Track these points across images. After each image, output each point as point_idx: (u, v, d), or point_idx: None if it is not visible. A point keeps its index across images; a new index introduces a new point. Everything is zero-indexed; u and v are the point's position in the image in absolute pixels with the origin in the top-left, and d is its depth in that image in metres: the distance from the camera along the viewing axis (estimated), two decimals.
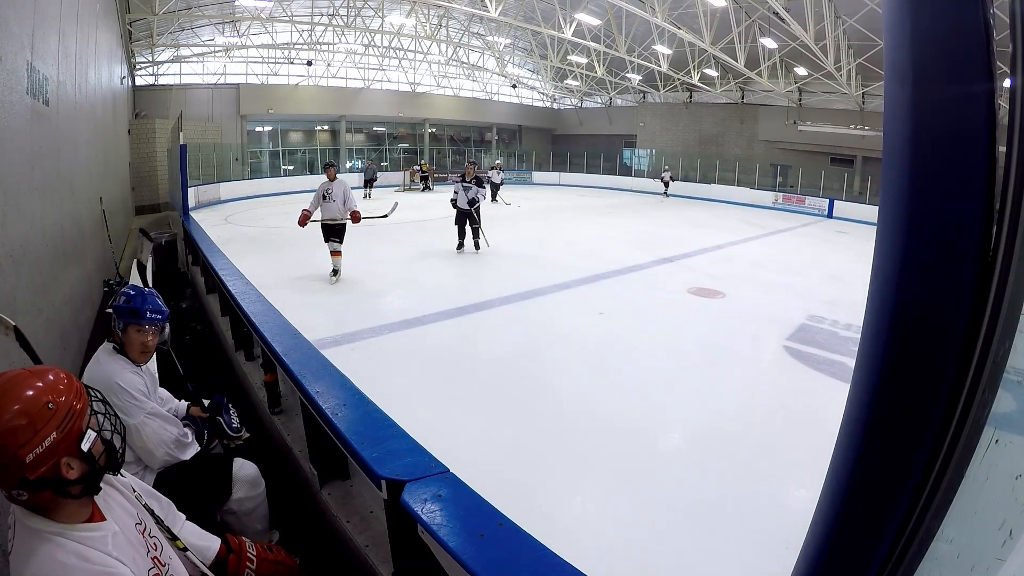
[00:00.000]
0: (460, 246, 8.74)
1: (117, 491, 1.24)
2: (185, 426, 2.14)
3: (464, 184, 8.60)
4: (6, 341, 1.80)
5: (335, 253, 6.79)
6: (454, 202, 8.70)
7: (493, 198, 16.59)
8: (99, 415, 1.12)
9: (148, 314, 1.97)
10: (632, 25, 18.65)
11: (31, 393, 1.01)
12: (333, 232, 6.77)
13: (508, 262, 8.26)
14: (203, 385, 3.26)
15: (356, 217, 6.63)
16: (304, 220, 6.50)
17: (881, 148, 0.55)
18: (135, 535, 1.20)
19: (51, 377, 1.06)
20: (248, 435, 2.29)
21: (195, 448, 2.06)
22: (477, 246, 8.77)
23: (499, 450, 3.15)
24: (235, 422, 2.26)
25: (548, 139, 31.02)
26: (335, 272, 6.72)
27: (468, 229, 8.73)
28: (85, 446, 1.05)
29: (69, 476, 1.03)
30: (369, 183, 18.90)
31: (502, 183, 17.81)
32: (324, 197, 6.67)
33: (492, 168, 18.04)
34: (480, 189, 8.62)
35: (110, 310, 2.00)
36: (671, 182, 21.62)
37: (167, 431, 1.96)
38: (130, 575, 1.09)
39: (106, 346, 1.99)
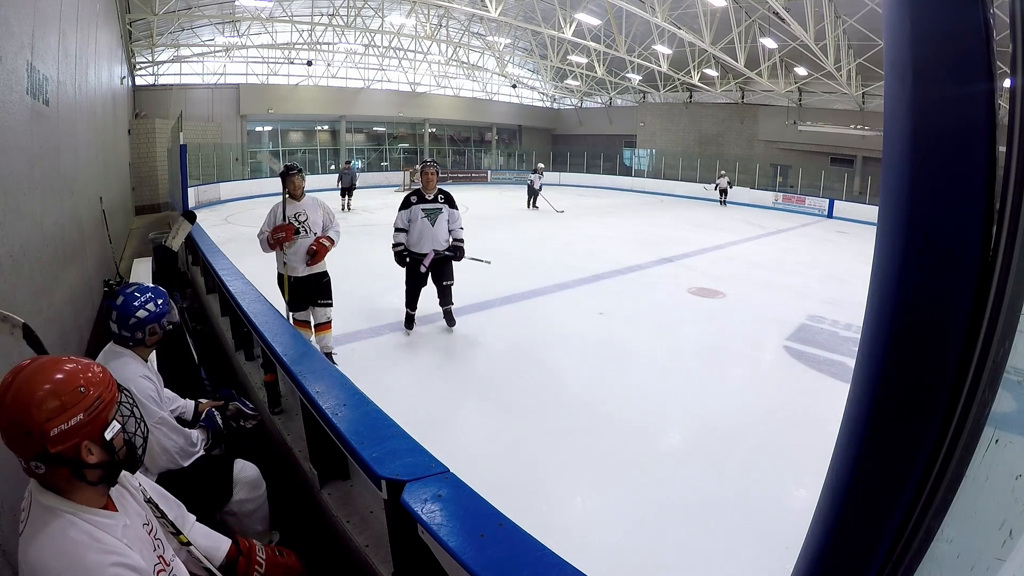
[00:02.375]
0: (410, 321, 4.96)
1: (128, 491, 1.27)
2: (199, 427, 2.15)
3: (428, 207, 4.68)
4: (12, 340, 1.80)
5: (324, 327, 4.07)
6: (402, 250, 4.70)
7: (534, 204, 15.58)
8: (125, 416, 1.17)
9: (131, 320, 1.95)
10: (632, 25, 18.66)
11: (67, 374, 1.08)
12: (316, 289, 3.97)
13: (508, 262, 8.25)
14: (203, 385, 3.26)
15: (323, 249, 3.91)
16: (288, 234, 3.84)
17: (881, 148, 0.55)
18: (143, 533, 1.22)
19: (88, 366, 1.13)
20: (259, 416, 2.41)
21: (198, 455, 2.06)
22: (451, 319, 5.03)
23: (499, 450, 3.15)
24: (249, 404, 2.37)
25: (548, 139, 31.03)
26: (329, 355, 4.03)
27: (430, 282, 4.91)
28: (108, 435, 1.10)
29: (88, 460, 1.07)
30: (347, 191, 14.62)
31: (541, 188, 15.91)
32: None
33: (534, 172, 16.17)
34: (455, 212, 4.82)
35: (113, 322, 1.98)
36: (729, 188, 19.49)
37: (172, 440, 1.96)
38: (140, 561, 1.11)
39: (113, 347, 1.98)
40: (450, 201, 4.83)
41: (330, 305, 4.09)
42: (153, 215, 13.94)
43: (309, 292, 3.99)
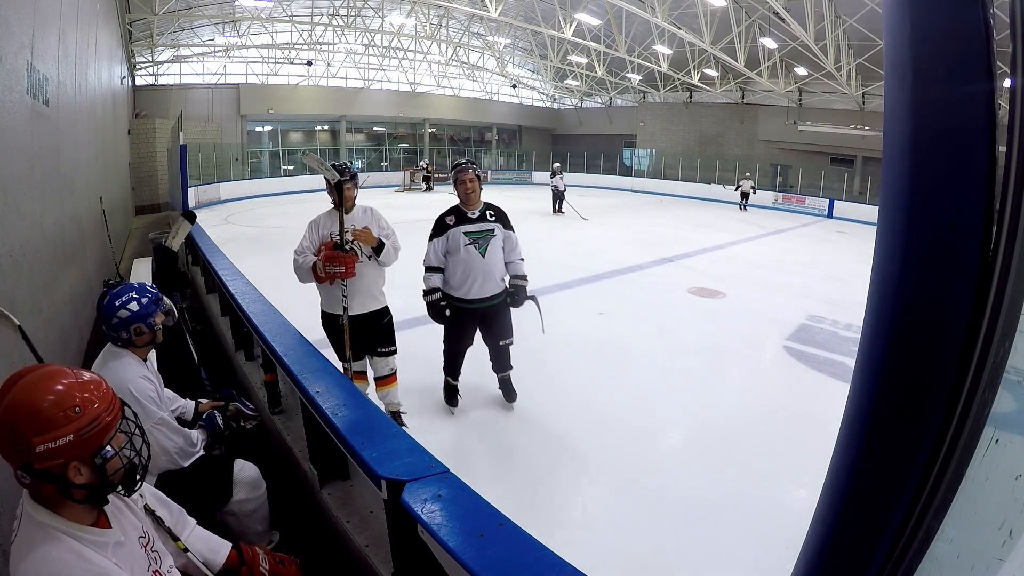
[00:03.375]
0: (452, 395, 3.60)
1: (124, 504, 1.25)
2: (199, 427, 2.15)
3: (473, 229, 3.26)
4: (10, 339, 1.80)
5: (387, 380, 3.13)
6: (439, 299, 3.28)
7: (559, 209, 14.42)
8: (128, 434, 1.15)
9: (114, 319, 1.94)
10: (632, 25, 18.65)
11: (66, 390, 1.05)
12: (375, 332, 3.07)
13: None
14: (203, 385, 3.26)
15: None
16: (350, 268, 2.88)
17: (881, 148, 0.55)
18: (137, 549, 1.21)
19: (91, 385, 1.10)
20: (259, 417, 2.40)
21: (198, 455, 2.06)
22: (511, 391, 3.63)
23: (499, 450, 3.15)
24: (250, 404, 2.37)
25: (548, 139, 31.02)
26: (397, 415, 3.19)
27: (478, 340, 3.56)
28: (100, 459, 1.07)
29: (75, 480, 1.05)
30: None
31: (566, 189, 14.56)
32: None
33: (553, 174, 14.90)
34: (512, 235, 3.47)
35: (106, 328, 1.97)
36: (752, 192, 17.80)
37: (172, 441, 1.96)
38: None
39: (111, 348, 1.98)
40: (503, 219, 3.38)
41: (394, 352, 3.11)
42: (153, 215, 13.93)
43: (365, 335, 3.02)
